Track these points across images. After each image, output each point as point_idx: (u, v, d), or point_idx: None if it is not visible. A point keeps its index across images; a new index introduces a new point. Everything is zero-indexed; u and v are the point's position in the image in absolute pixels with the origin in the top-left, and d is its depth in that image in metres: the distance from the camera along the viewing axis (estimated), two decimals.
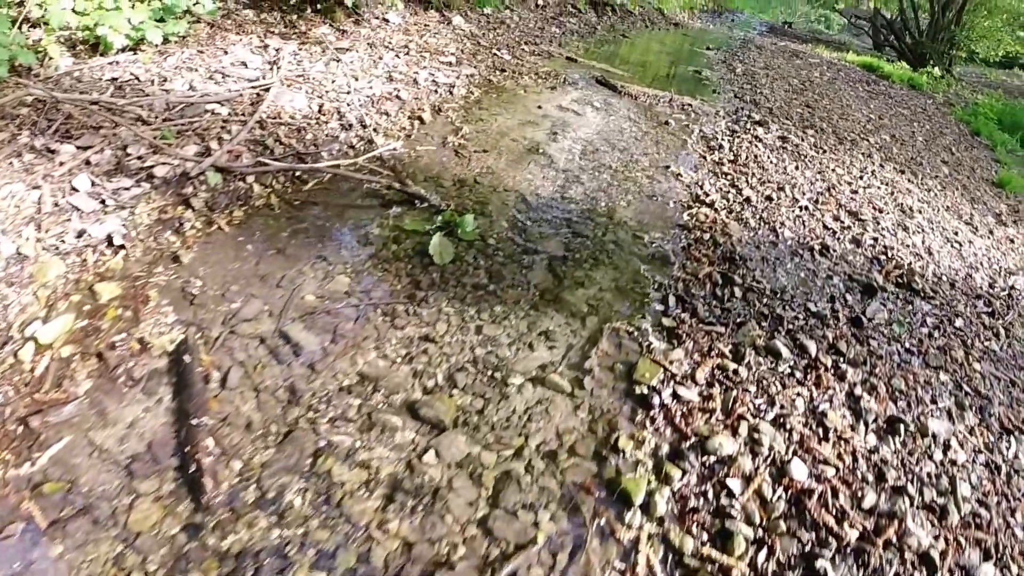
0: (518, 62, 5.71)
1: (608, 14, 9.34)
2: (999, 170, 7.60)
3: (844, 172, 5.03)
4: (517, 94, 4.86)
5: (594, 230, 3.12)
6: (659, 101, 5.69)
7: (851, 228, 3.89)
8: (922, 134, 7.98)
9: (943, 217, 4.91)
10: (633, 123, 4.89)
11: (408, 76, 4.61)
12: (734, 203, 3.74)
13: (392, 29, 5.85)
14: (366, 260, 2.64)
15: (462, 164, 3.53)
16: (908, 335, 2.98)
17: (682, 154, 4.47)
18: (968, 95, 12.57)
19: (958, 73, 14.61)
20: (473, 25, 6.60)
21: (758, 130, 5.39)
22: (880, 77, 11.66)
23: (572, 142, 4.16)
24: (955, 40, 14.07)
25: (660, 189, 3.78)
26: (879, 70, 12.10)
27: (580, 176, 3.69)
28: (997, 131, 9.74)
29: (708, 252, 3.11)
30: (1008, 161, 8.31)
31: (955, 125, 9.57)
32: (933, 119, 9.40)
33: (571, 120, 4.57)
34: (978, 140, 9.12)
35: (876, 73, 11.92)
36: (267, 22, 5.18)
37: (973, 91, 13.07)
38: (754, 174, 4.29)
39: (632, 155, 4.21)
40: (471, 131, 3.98)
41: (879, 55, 14.91)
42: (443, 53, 5.31)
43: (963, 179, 6.56)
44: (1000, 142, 9.16)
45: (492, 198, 3.23)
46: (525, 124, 4.29)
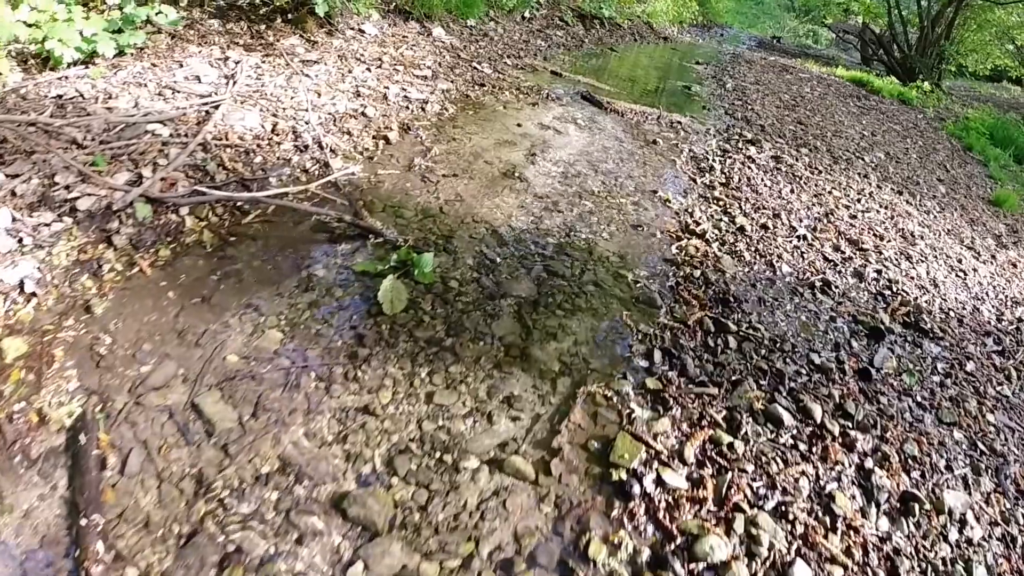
0: (499, 76, 5.36)
1: (596, 27, 9.03)
2: (994, 187, 7.38)
3: (841, 195, 4.70)
4: (496, 111, 4.50)
5: (572, 268, 2.75)
6: (647, 118, 5.36)
7: (852, 259, 3.55)
8: (916, 151, 7.71)
9: (945, 242, 4.58)
10: (619, 143, 4.54)
11: (377, 91, 4.25)
12: (727, 233, 3.39)
13: (367, 41, 5.49)
14: (304, 309, 2.25)
15: (428, 190, 3.15)
16: (919, 386, 2.63)
17: (670, 177, 4.12)
18: (958, 109, 12.38)
19: (947, 87, 14.44)
20: (454, 37, 6.26)
21: (750, 149, 5.06)
22: (870, 92, 11.45)
23: (552, 164, 3.80)
24: (944, 54, 13.89)
25: (646, 217, 3.41)
26: (869, 85, 11.90)
27: (559, 203, 3.32)
28: (989, 146, 9.54)
29: (699, 292, 2.75)
30: (1002, 177, 8.09)
31: (947, 140, 9.34)
32: (925, 135, 9.17)
33: (552, 139, 4.21)
34: (971, 156, 8.89)
35: (866, 88, 11.72)
36: (233, 32, 4.80)
37: (963, 105, 12.89)
38: (748, 199, 3.94)
39: (617, 178, 3.85)
40: (441, 152, 3.61)
41: (867, 70, 14.74)
42: (418, 66, 4.95)
43: (960, 198, 6.27)
44: (993, 157, 8.95)
45: (459, 231, 2.86)
46: (502, 144, 3.93)
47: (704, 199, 3.83)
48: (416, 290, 2.41)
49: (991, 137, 10.13)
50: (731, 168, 4.47)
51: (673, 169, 4.28)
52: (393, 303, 2.30)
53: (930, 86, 12.81)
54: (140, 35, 3.91)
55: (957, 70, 15.07)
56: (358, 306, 2.30)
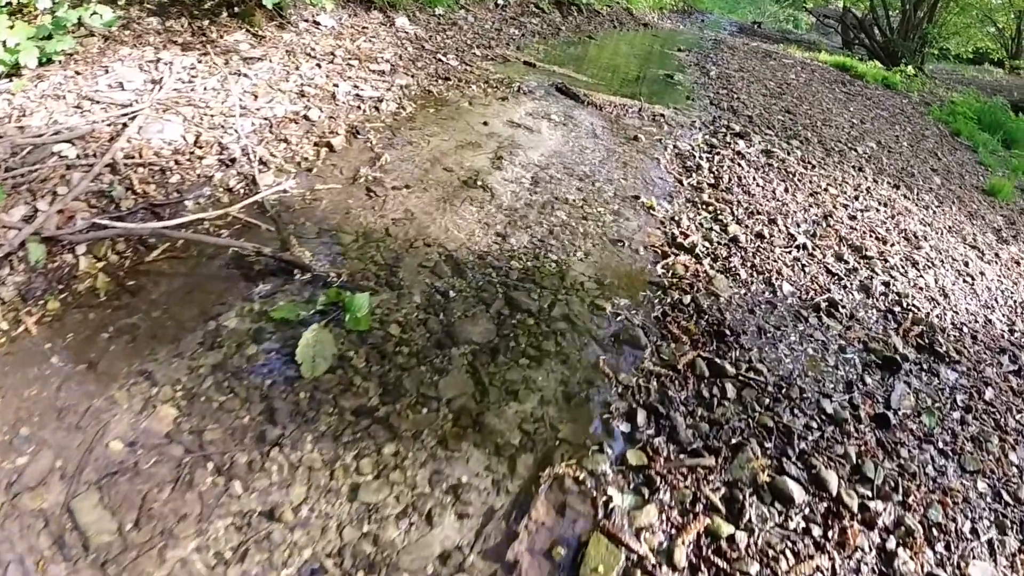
0: (467, 68, 4.84)
1: (574, 14, 8.48)
2: (985, 175, 7.06)
3: (838, 192, 4.28)
4: (460, 107, 4.00)
5: (540, 300, 2.29)
6: (627, 111, 4.88)
7: (858, 270, 3.13)
8: (906, 138, 7.34)
9: (948, 243, 4.19)
10: (597, 140, 4.07)
11: (325, 90, 3.72)
12: (719, 245, 2.94)
13: (322, 33, 4.93)
14: (207, 375, 1.78)
15: (374, 207, 2.67)
16: (940, 426, 2.24)
17: (654, 178, 3.67)
18: (943, 93, 12.03)
19: (930, 71, 14.07)
20: (420, 27, 5.71)
21: (739, 144, 4.61)
22: (854, 77, 11.04)
23: (521, 169, 3.32)
24: (927, 37, 13.51)
25: (628, 230, 2.96)
26: (853, 70, 11.49)
27: (527, 217, 2.85)
28: (977, 131, 9.23)
29: (689, 324, 2.31)
30: (992, 163, 7.77)
31: (935, 126, 8.99)
32: (913, 120, 8.80)
33: (523, 139, 3.73)
34: (959, 141, 8.57)
35: (850, 73, 11.31)
36: (173, 31, 4.22)
37: (947, 89, 12.53)
38: (740, 202, 3.50)
39: (595, 183, 3.39)
40: (394, 159, 3.12)
41: (849, 54, 14.33)
42: (376, 60, 4.42)
43: (955, 189, 5.90)
44: (981, 142, 8.65)
45: (406, 258, 2.38)
46: (465, 146, 3.44)
47: (692, 204, 3.39)
48: (347, 341, 1.95)
49: (978, 122, 9.83)
50: (720, 166, 4.02)
51: (657, 169, 3.82)
52: (314, 363, 1.83)
53: (914, 70, 12.45)
54: (68, 40, 3.37)
55: (940, 53, 14.70)
56: (273, 367, 1.83)
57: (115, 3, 4.01)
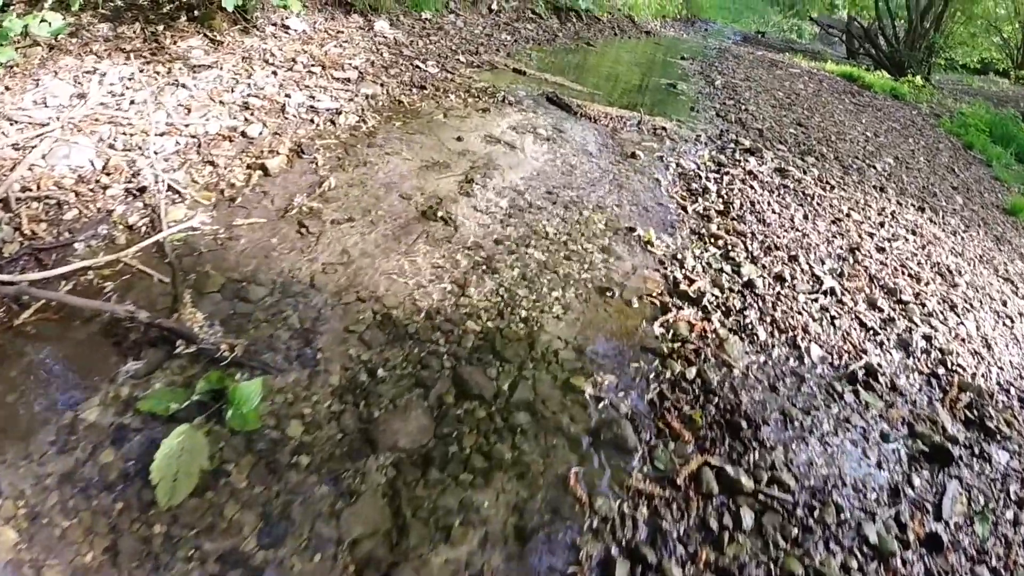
0: (447, 76, 4.27)
1: (572, 21, 7.90)
2: (1002, 191, 6.52)
3: (862, 217, 3.69)
4: (433, 120, 3.44)
5: (498, 379, 1.72)
6: (625, 124, 4.30)
7: (894, 320, 2.55)
8: (921, 153, 6.75)
9: (982, 277, 3.60)
10: (589, 158, 3.50)
11: (274, 101, 3.17)
12: (731, 293, 2.36)
13: (290, 38, 4.39)
14: (54, 488, 1.23)
15: (302, 249, 2.11)
16: (993, 534, 1.67)
17: (654, 204, 3.09)
18: (951, 104, 11.41)
19: (936, 81, 13.40)
20: (402, 32, 5.15)
21: (750, 161, 4.02)
22: (862, 87, 10.45)
23: (495, 195, 2.76)
24: (934, 47, 12.85)
25: (620, 273, 2.38)
26: (860, 80, 10.90)
27: (494, 258, 2.28)
28: (990, 144, 8.65)
29: (694, 412, 1.73)
30: (1008, 178, 7.20)
31: (947, 139, 8.40)
32: (924, 133, 8.21)
33: (501, 157, 3.16)
34: (972, 155, 7.99)
35: (857, 83, 10.71)
36: (123, 37, 3.68)
37: (955, 100, 11.90)
38: (754, 234, 2.91)
39: (583, 211, 2.81)
40: (341, 184, 2.55)
41: (855, 64, 13.70)
42: (342, 67, 3.86)
43: (978, 210, 5.31)
44: (995, 156, 8.08)
45: (330, 319, 1.82)
46: (430, 167, 2.87)
47: (698, 236, 2.80)
48: (228, 447, 1.38)
49: (990, 134, 9.24)
50: (730, 188, 3.43)
51: (657, 192, 3.24)
52: (175, 484, 1.27)
53: (921, 80, 11.82)
54: (8, 52, 2.86)
55: (946, 63, 14.02)
56: (128, 484, 1.27)
57: (68, 9, 3.48)
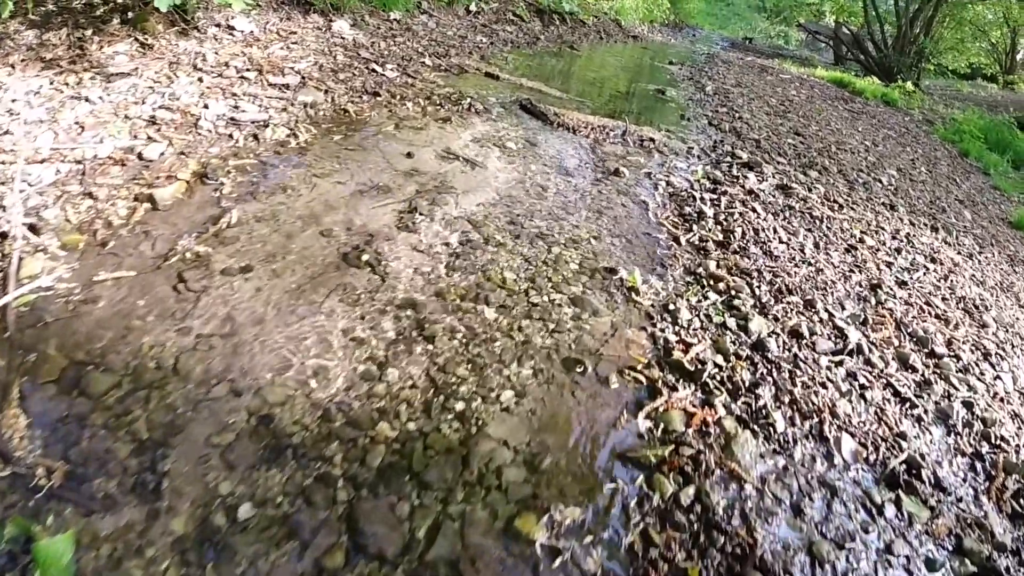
0: (407, 81, 3.66)
1: (555, 24, 7.31)
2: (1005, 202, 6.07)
3: (876, 243, 3.12)
4: (382, 133, 2.83)
5: (411, 520, 1.12)
6: (609, 135, 3.71)
7: (931, 384, 1.96)
8: (922, 163, 6.25)
9: (1007, 310, 3.05)
10: (564, 177, 2.90)
11: (188, 113, 2.55)
12: (738, 362, 1.76)
13: (233, 40, 3.77)
14: None
15: (174, 314, 1.49)
16: None
17: (640, 234, 2.50)
18: (942, 110, 10.97)
19: (926, 86, 12.94)
20: (364, 33, 4.54)
21: (749, 177, 3.44)
22: (854, 93, 9.98)
23: (444, 227, 2.15)
24: (923, 53, 12.41)
25: (595, 335, 1.78)
26: (851, 86, 10.45)
27: (430, 320, 1.67)
28: (986, 151, 8.21)
29: (692, 568, 1.14)
30: (1007, 187, 6.75)
31: (943, 147, 7.94)
32: (920, 141, 7.73)
33: (458, 178, 2.55)
34: (969, 163, 7.54)
35: (848, 89, 10.26)
36: (48, 45, 3.06)
37: (946, 105, 11.45)
38: (761, 272, 2.32)
39: (552, 247, 2.21)
40: (247, 219, 1.94)
41: (844, 69, 13.25)
42: (282, 71, 3.24)
43: (987, 225, 4.79)
44: (992, 164, 7.64)
45: (190, 425, 1.20)
46: (366, 193, 2.26)
47: (694, 278, 2.21)
48: None
49: (985, 141, 8.80)
50: (729, 212, 2.84)
51: (643, 219, 2.65)
52: None
53: (912, 86, 11.38)
54: None
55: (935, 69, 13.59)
56: None
57: None
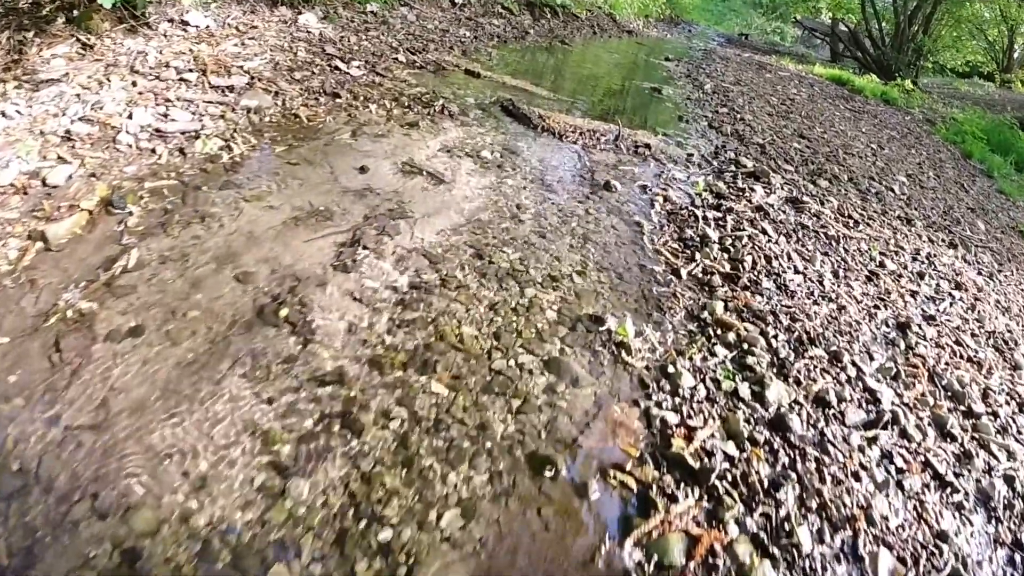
0: (374, 80, 3.21)
1: (547, 17, 6.83)
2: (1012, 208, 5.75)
3: (897, 266, 2.72)
4: (335, 142, 2.39)
5: None
6: (599, 141, 3.28)
7: (971, 458, 1.56)
8: (929, 166, 5.87)
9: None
10: (547, 193, 2.48)
11: (108, 126, 2.10)
12: (753, 452, 1.35)
13: (185, 36, 3.31)
14: None
15: (45, 396, 1.07)
16: None
17: (632, 267, 2.08)
18: (942, 109, 10.58)
19: (924, 84, 12.52)
20: (334, 26, 4.07)
21: (756, 190, 3.03)
22: (853, 91, 9.58)
23: (393, 265, 1.72)
24: (922, 50, 11.99)
25: (572, 418, 1.36)
26: (850, 83, 10.05)
27: (359, 400, 1.25)
28: (989, 153, 7.86)
29: None
30: (1012, 192, 6.40)
31: (946, 148, 7.56)
32: (923, 142, 7.34)
33: (417, 198, 2.12)
34: (973, 165, 7.17)
35: (847, 87, 9.86)
36: None
37: (945, 104, 11.06)
38: (776, 314, 1.91)
39: (525, 288, 1.79)
40: (149, 260, 1.51)
41: (843, 66, 12.82)
42: (228, 71, 2.79)
43: (1001, 237, 4.41)
44: (996, 166, 7.28)
45: (40, 558, 0.79)
46: (302, 221, 1.83)
47: (698, 325, 1.79)
48: None
49: (987, 142, 8.44)
50: (736, 235, 2.42)
51: (637, 246, 2.23)
52: None
53: (910, 84, 10.97)
54: None
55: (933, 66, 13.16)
56: None
57: None
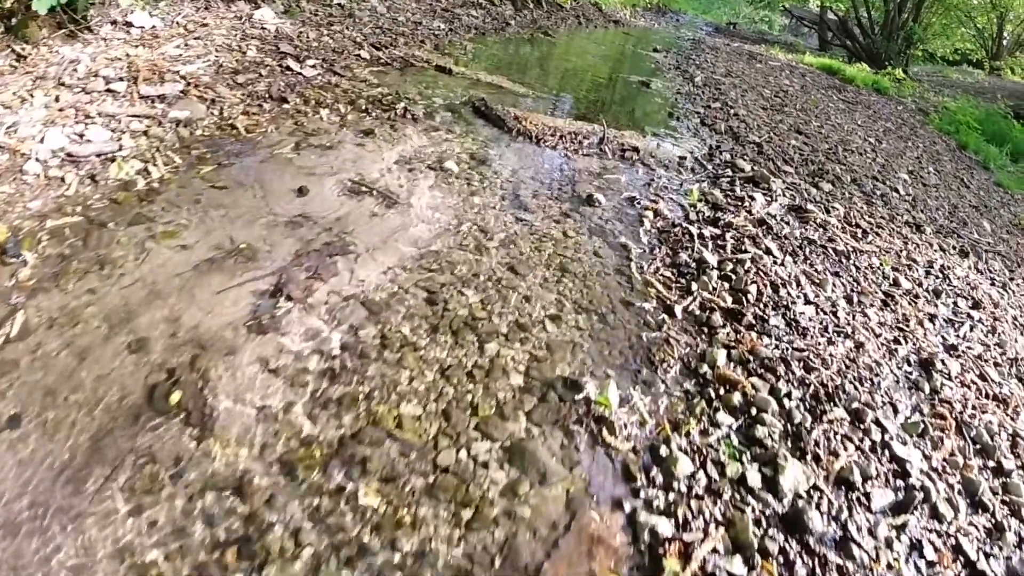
0: (331, 80, 2.84)
1: (530, 8, 6.42)
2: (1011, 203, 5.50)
3: (912, 283, 2.41)
4: (274, 157, 2.03)
5: None
6: (582, 145, 2.93)
7: (1003, 530, 1.26)
8: (927, 160, 5.59)
9: None
10: (519, 212, 2.13)
11: (16, 152, 1.73)
12: (763, 565, 1.02)
13: (128, 39, 2.92)
14: None
15: None
16: None
17: (616, 304, 1.74)
18: (933, 98, 10.30)
19: (914, 73, 12.21)
20: (293, 21, 3.67)
21: (755, 198, 2.69)
22: (844, 81, 9.27)
23: (324, 320, 1.38)
24: (912, 38, 11.67)
25: (535, 535, 1.03)
26: (841, 73, 9.74)
27: (259, 518, 0.92)
28: (983, 143, 7.61)
29: None
30: (1011, 184, 6.17)
31: (941, 139, 7.28)
32: (918, 133, 7.06)
33: (363, 225, 1.77)
34: (969, 156, 6.91)
35: (839, 77, 9.54)
36: None
37: (936, 93, 10.77)
38: (787, 361, 1.58)
39: (485, 344, 1.45)
40: (35, 325, 1.15)
41: (827, 55, 12.50)
42: (162, 78, 2.41)
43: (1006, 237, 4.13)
44: (991, 157, 7.03)
45: None
46: (216, 264, 1.48)
47: (696, 383, 1.47)
48: None
49: (982, 132, 8.19)
50: (737, 256, 2.09)
51: (622, 276, 1.90)
52: None
53: (901, 73, 10.68)
54: None
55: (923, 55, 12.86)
56: None
57: None
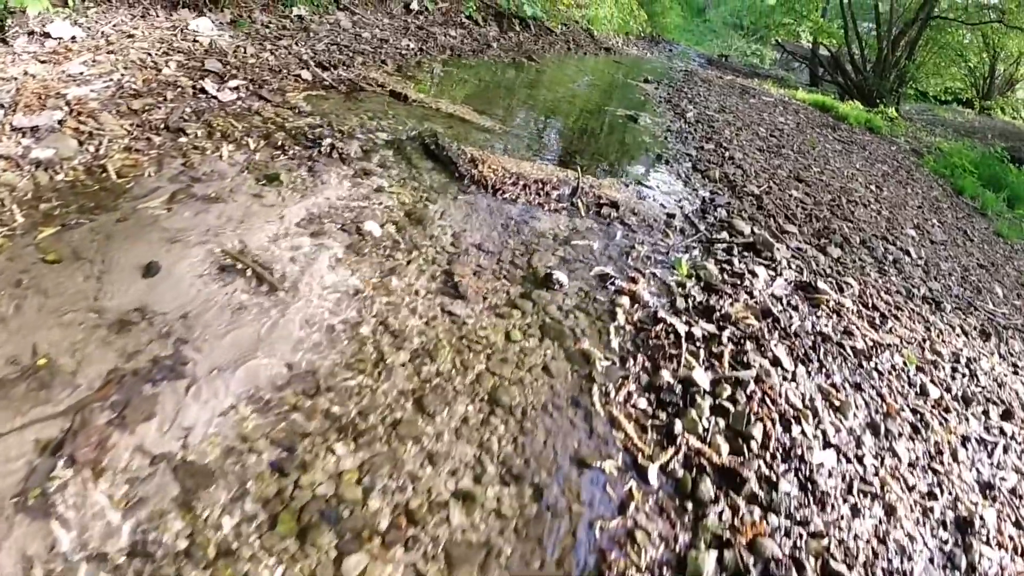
0: (251, 106, 2.30)
1: (515, 30, 5.97)
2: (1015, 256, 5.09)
3: (940, 389, 1.89)
4: (135, 214, 1.48)
5: None
6: (549, 197, 2.41)
7: None
8: (930, 211, 5.17)
9: None
10: (448, 303, 1.59)
11: None
12: None
13: (34, 54, 2.38)
14: None
15: None
16: None
17: (564, 471, 1.20)
18: (926, 138, 10.03)
19: (905, 111, 11.98)
20: (237, 33, 3.15)
21: (756, 272, 2.18)
22: (838, 119, 8.94)
23: (114, 497, 0.83)
24: (904, 76, 11.45)
25: None
26: (834, 110, 9.43)
27: None
28: (980, 188, 7.27)
29: None
30: (1011, 234, 5.75)
31: (937, 184, 6.91)
32: (915, 177, 6.67)
33: (214, 329, 1.23)
34: (967, 203, 6.53)
35: (832, 114, 9.22)
36: None
37: (929, 133, 10.52)
38: (803, 564, 1.06)
39: (345, 552, 0.90)
40: None
41: (820, 91, 12.26)
42: (43, 104, 1.85)
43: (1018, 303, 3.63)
44: (988, 203, 6.67)
45: None
46: (6, 391, 0.93)
47: None
48: None
49: (977, 176, 7.86)
50: (736, 377, 1.56)
51: (580, 413, 1.35)
52: None
53: (893, 111, 10.42)
54: None
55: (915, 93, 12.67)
56: None
57: None
